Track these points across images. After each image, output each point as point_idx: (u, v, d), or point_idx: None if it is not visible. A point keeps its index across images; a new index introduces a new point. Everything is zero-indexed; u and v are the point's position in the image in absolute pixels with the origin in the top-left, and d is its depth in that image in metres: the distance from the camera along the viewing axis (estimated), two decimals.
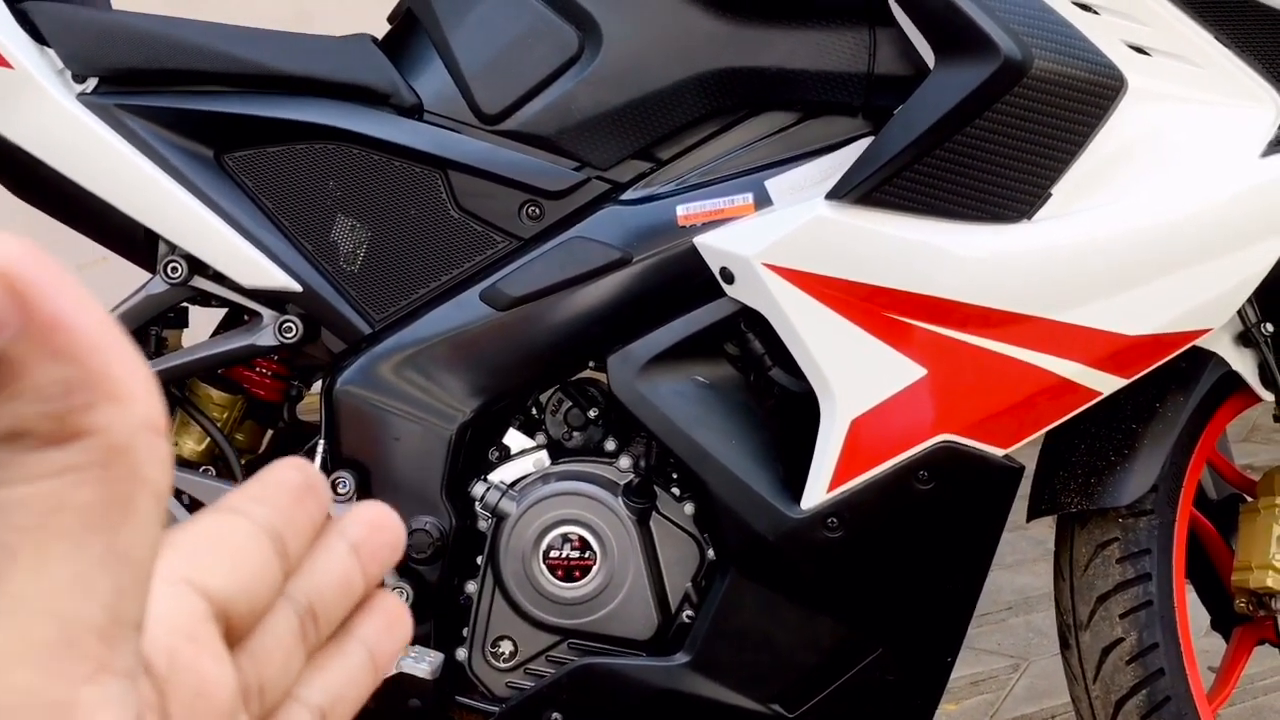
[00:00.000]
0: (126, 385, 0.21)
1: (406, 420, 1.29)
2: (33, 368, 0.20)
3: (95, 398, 0.20)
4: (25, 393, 0.20)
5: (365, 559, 0.27)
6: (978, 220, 1.18)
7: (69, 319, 0.20)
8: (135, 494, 0.21)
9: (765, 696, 1.29)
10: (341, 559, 0.27)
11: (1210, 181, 1.20)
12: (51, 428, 0.20)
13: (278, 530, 0.25)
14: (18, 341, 0.20)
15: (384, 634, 0.28)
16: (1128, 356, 1.22)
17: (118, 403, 0.20)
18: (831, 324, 1.20)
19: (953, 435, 1.23)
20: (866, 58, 1.26)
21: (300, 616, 0.26)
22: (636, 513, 1.29)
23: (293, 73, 1.29)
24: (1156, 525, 1.35)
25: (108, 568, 0.20)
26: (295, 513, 0.26)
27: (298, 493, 0.26)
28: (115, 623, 0.20)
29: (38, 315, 0.20)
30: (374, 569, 0.27)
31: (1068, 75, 1.15)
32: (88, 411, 0.20)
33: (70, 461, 0.20)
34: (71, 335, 0.20)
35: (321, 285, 1.29)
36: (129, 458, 0.21)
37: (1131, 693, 1.35)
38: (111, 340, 0.20)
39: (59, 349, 0.20)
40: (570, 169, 1.29)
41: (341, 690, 0.27)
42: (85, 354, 0.20)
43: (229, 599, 0.24)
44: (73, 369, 0.20)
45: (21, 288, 0.19)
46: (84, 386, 0.20)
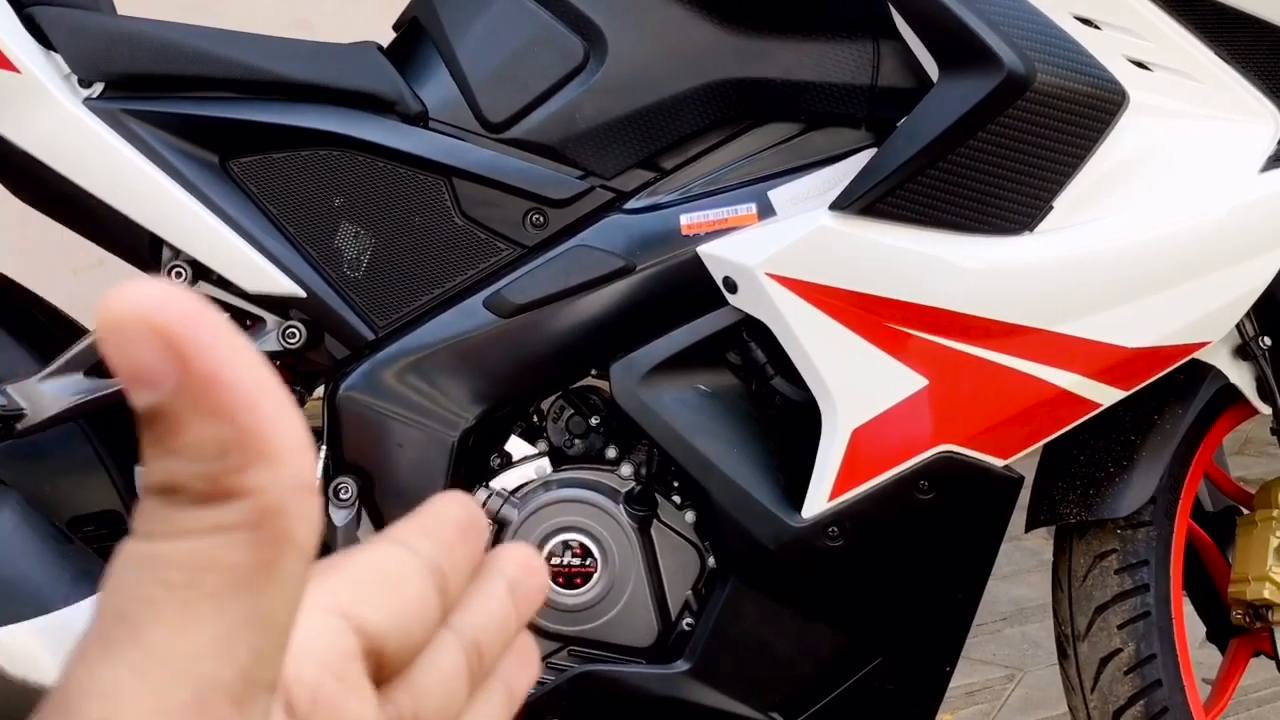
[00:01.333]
0: (281, 445, 0.20)
1: (409, 426, 1.29)
2: (188, 424, 0.19)
3: (250, 458, 0.20)
4: (180, 450, 0.20)
5: (518, 600, 0.27)
6: (980, 232, 1.19)
7: (225, 375, 0.20)
8: (282, 555, 0.20)
9: (765, 705, 1.30)
10: (501, 599, 0.27)
11: (1210, 196, 1.21)
12: (205, 487, 0.20)
13: (440, 566, 0.25)
14: (174, 397, 0.19)
15: (520, 670, 0.28)
16: (1127, 369, 1.22)
17: (271, 463, 0.20)
18: (833, 334, 1.21)
19: (953, 445, 1.23)
20: (870, 70, 1.27)
21: (466, 652, 0.26)
22: (637, 520, 1.30)
23: (298, 79, 1.30)
24: (1155, 537, 1.35)
25: (249, 630, 0.20)
26: (457, 548, 0.26)
27: (460, 528, 0.26)
28: (249, 686, 0.20)
29: (195, 371, 0.19)
30: (525, 610, 0.27)
31: (1070, 89, 1.16)
32: (242, 472, 0.20)
33: (222, 521, 0.20)
34: (228, 393, 0.20)
35: (325, 291, 1.29)
36: (280, 519, 0.20)
37: (1129, 703, 1.35)
38: (267, 397, 0.20)
39: (215, 407, 0.20)
40: (574, 178, 1.30)
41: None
42: (241, 412, 0.20)
43: (384, 635, 0.24)
44: (228, 428, 0.20)
45: (179, 341, 0.19)
46: (239, 447, 0.20)
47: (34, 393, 1.30)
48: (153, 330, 0.19)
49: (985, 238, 1.19)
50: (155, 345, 0.19)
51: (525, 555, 0.28)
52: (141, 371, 0.19)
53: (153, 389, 0.19)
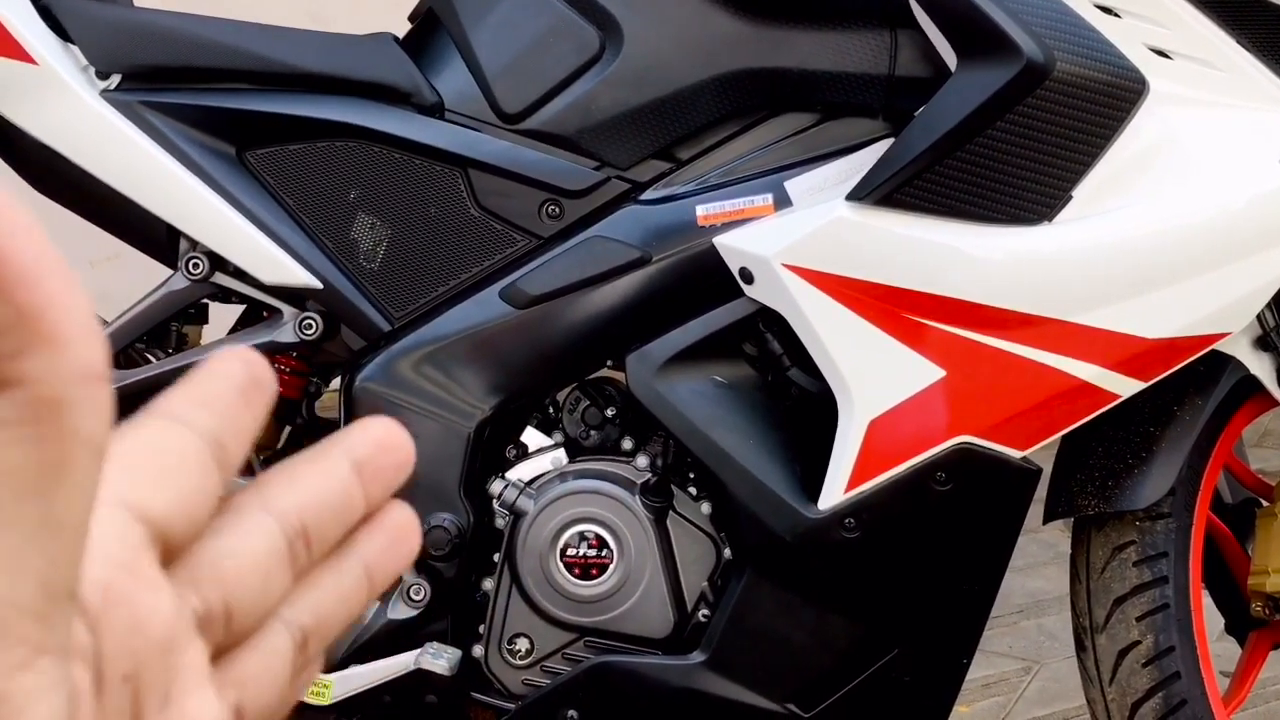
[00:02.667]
0: (64, 327, 0.18)
1: (425, 417, 1.29)
2: None
3: (28, 342, 0.17)
4: None
5: (368, 478, 0.25)
6: (998, 222, 1.18)
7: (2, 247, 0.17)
8: (71, 454, 0.18)
9: (781, 696, 1.30)
10: (341, 478, 0.25)
11: (1230, 185, 1.20)
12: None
13: (218, 436, 0.23)
14: None
15: (385, 551, 0.26)
16: (1146, 360, 1.22)
17: (53, 348, 0.18)
18: (850, 325, 1.20)
19: (971, 437, 1.23)
20: (887, 59, 1.26)
21: (289, 537, 0.24)
22: (653, 511, 1.30)
23: (315, 71, 1.30)
24: (1174, 529, 1.35)
25: (41, 540, 0.18)
26: (238, 412, 0.23)
27: (242, 388, 0.23)
28: (49, 598, 0.18)
29: None
30: (377, 489, 0.25)
31: (1090, 78, 1.15)
32: (18, 358, 0.17)
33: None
34: (3, 267, 0.17)
35: (342, 282, 1.30)
36: (64, 412, 0.18)
37: (1147, 695, 1.35)
38: (51, 274, 0.18)
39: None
40: (590, 168, 1.29)
41: (330, 609, 0.25)
42: (19, 289, 0.17)
43: (168, 519, 0.22)
44: (3, 307, 0.17)
45: None
46: (13, 328, 0.17)
47: None
48: None
49: (1003, 228, 1.18)
50: None
51: (383, 432, 0.25)
52: None
53: None
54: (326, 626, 0.25)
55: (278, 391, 1.03)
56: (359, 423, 0.26)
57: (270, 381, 0.24)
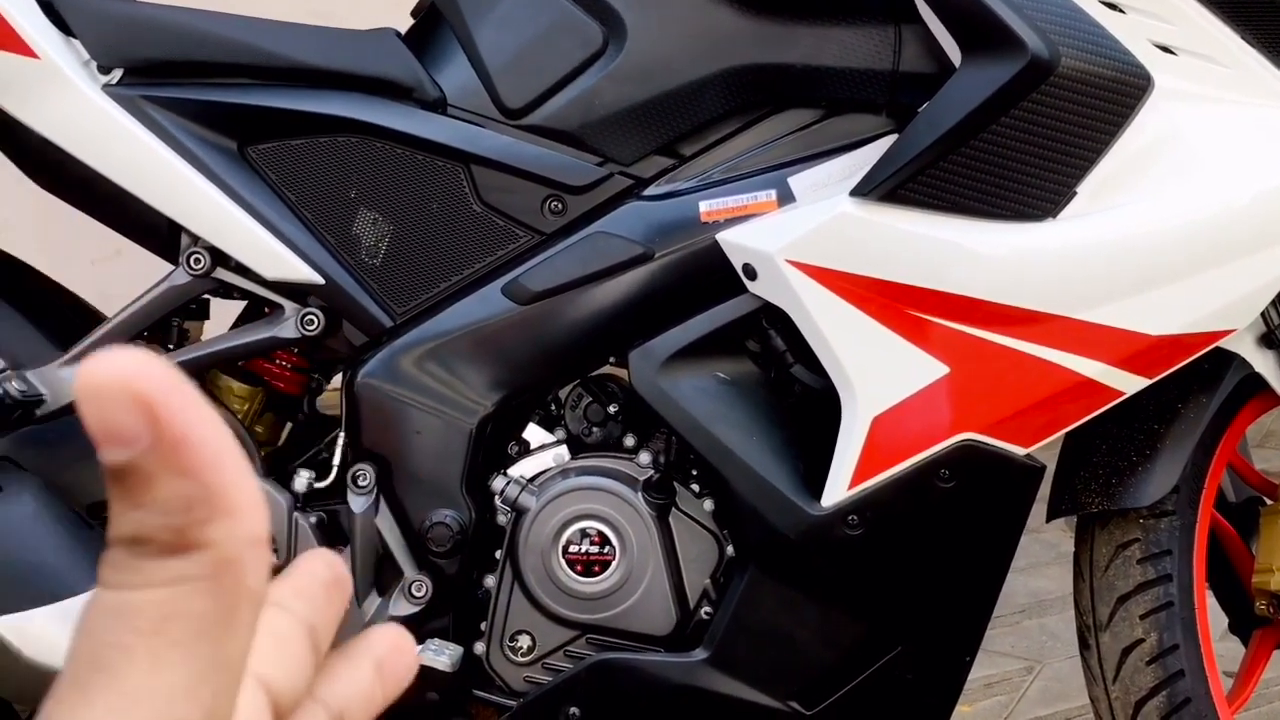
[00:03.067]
0: (239, 501, 0.22)
1: (427, 414, 1.29)
2: (158, 481, 0.21)
3: (212, 513, 0.22)
4: (149, 503, 0.22)
5: (385, 677, 0.29)
6: (1002, 218, 1.18)
7: (193, 436, 0.21)
8: (240, 604, 0.22)
9: (783, 694, 1.29)
10: (368, 674, 0.28)
11: (1236, 182, 1.20)
12: (171, 539, 0.22)
13: (313, 625, 0.27)
14: (146, 456, 0.21)
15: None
16: (1151, 357, 1.21)
17: (231, 518, 0.22)
18: (854, 321, 1.20)
19: (974, 434, 1.22)
20: (891, 55, 1.26)
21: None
22: (656, 508, 1.29)
23: (316, 66, 1.29)
24: (1178, 526, 1.34)
25: (213, 673, 0.22)
26: (325, 608, 0.27)
27: (327, 587, 0.28)
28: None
29: (166, 432, 0.21)
30: (391, 688, 0.29)
31: (1095, 74, 1.15)
32: (205, 525, 0.22)
33: (185, 572, 0.22)
34: (195, 452, 0.21)
35: (343, 278, 1.29)
36: (237, 570, 0.22)
37: (1151, 694, 1.35)
38: (229, 458, 0.22)
39: (183, 465, 0.21)
40: (593, 164, 1.29)
41: None
42: (206, 471, 0.22)
43: (280, 690, 0.25)
44: (194, 485, 0.22)
45: (153, 405, 0.21)
46: (203, 502, 0.22)
47: (54, 379, 1.30)
48: (129, 394, 0.21)
49: (1008, 224, 1.18)
50: (131, 408, 0.21)
51: (395, 636, 0.29)
52: (116, 431, 0.21)
53: (125, 448, 0.21)
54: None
55: (278, 387, 1.01)
56: (374, 630, 0.29)
57: (349, 581, 0.29)
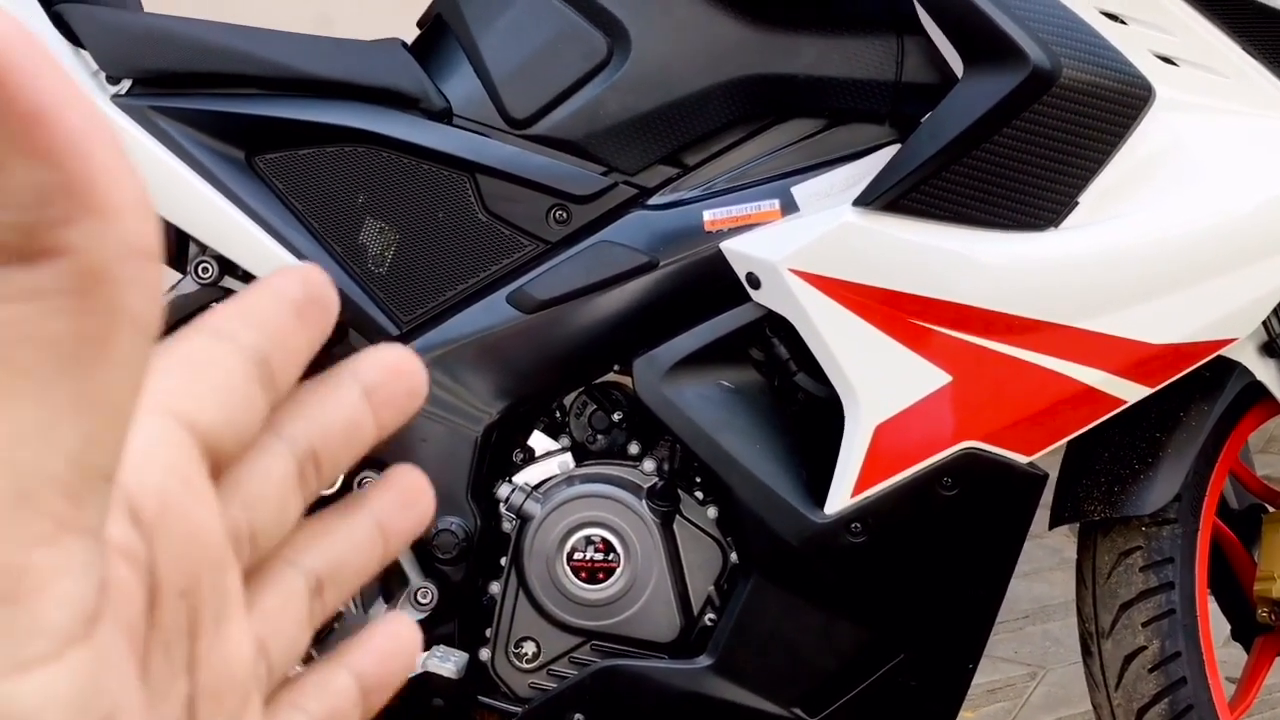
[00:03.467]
0: (112, 197, 0.17)
1: (432, 421, 1.29)
2: (3, 167, 0.16)
3: (73, 211, 0.17)
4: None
5: (379, 404, 0.24)
6: (1004, 228, 1.19)
7: (51, 111, 0.16)
8: (114, 328, 0.18)
9: (786, 700, 1.30)
10: (351, 403, 0.24)
11: (1237, 192, 1.21)
12: (19, 241, 0.17)
13: (265, 355, 0.22)
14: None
15: (399, 510, 0.25)
16: (1153, 365, 1.22)
17: (99, 218, 0.17)
18: (857, 330, 1.21)
19: (977, 442, 1.23)
20: (894, 66, 1.26)
21: (299, 460, 0.23)
22: (660, 516, 1.30)
23: (323, 76, 1.30)
24: (1180, 534, 1.35)
25: (77, 412, 0.17)
26: (289, 332, 0.22)
27: (296, 307, 0.23)
28: (82, 475, 0.18)
29: (13, 104, 0.16)
30: (388, 416, 0.24)
31: (1096, 85, 1.15)
32: (64, 226, 0.17)
33: (39, 285, 0.17)
34: (53, 132, 0.17)
35: (350, 287, 1.30)
36: (109, 285, 0.17)
37: (1154, 701, 1.35)
38: (101, 143, 0.17)
39: (36, 147, 0.16)
40: (598, 174, 1.30)
41: (343, 559, 0.24)
42: (67, 155, 0.17)
43: (215, 434, 0.21)
44: (50, 173, 0.17)
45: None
46: (61, 195, 0.17)
47: None
48: None
49: (1010, 234, 1.19)
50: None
51: (396, 357, 0.24)
52: None
53: None
54: (341, 577, 0.24)
55: None
56: (371, 348, 0.25)
57: (332, 300, 0.23)
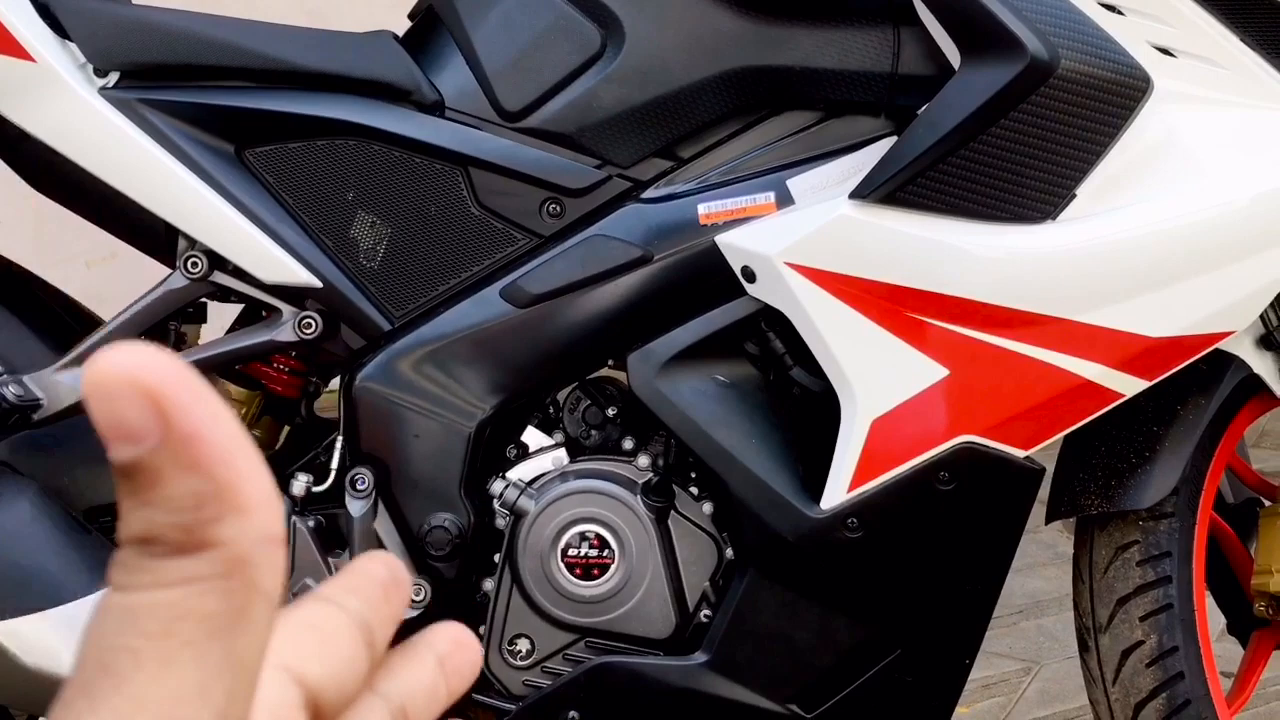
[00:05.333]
0: (252, 498, 0.22)
1: (425, 417, 1.28)
2: (168, 478, 0.21)
3: (223, 511, 0.21)
4: (159, 501, 0.21)
5: (449, 673, 0.28)
6: (1001, 220, 1.18)
7: (205, 432, 0.21)
8: (252, 603, 0.22)
9: (783, 696, 1.29)
10: (430, 669, 0.28)
11: (1234, 184, 1.20)
12: (180, 538, 0.21)
13: (367, 622, 0.26)
14: (156, 452, 0.21)
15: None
16: (1150, 358, 1.21)
17: (243, 515, 0.22)
18: (853, 323, 1.20)
19: (974, 436, 1.22)
20: (890, 57, 1.25)
21: (393, 715, 0.27)
22: (655, 511, 1.29)
23: (314, 68, 1.29)
24: (1177, 528, 1.34)
25: (223, 675, 0.22)
26: (382, 607, 0.27)
27: (384, 587, 0.27)
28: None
29: (176, 428, 0.21)
30: (455, 684, 0.29)
31: (1094, 76, 1.15)
32: (215, 524, 0.21)
33: (197, 571, 0.21)
34: (206, 449, 0.21)
35: (341, 281, 1.29)
36: (249, 569, 0.22)
37: (1151, 696, 1.35)
38: (241, 453, 0.22)
39: (194, 461, 0.21)
40: (591, 167, 1.29)
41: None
42: (217, 467, 0.21)
43: (320, 688, 0.25)
44: (204, 482, 0.21)
45: (163, 401, 0.21)
46: (214, 499, 0.21)
47: (50, 383, 1.29)
48: (138, 389, 0.21)
49: (1007, 226, 1.18)
50: (139, 403, 0.21)
51: (458, 632, 0.29)
52: (124, 427, 0.21)
53: (134, 444, 0.21)
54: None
55: (276, 390, 1.01)
56: (436, 626, 0.29)
57: (408, 583, 0.28)
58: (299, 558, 1.29)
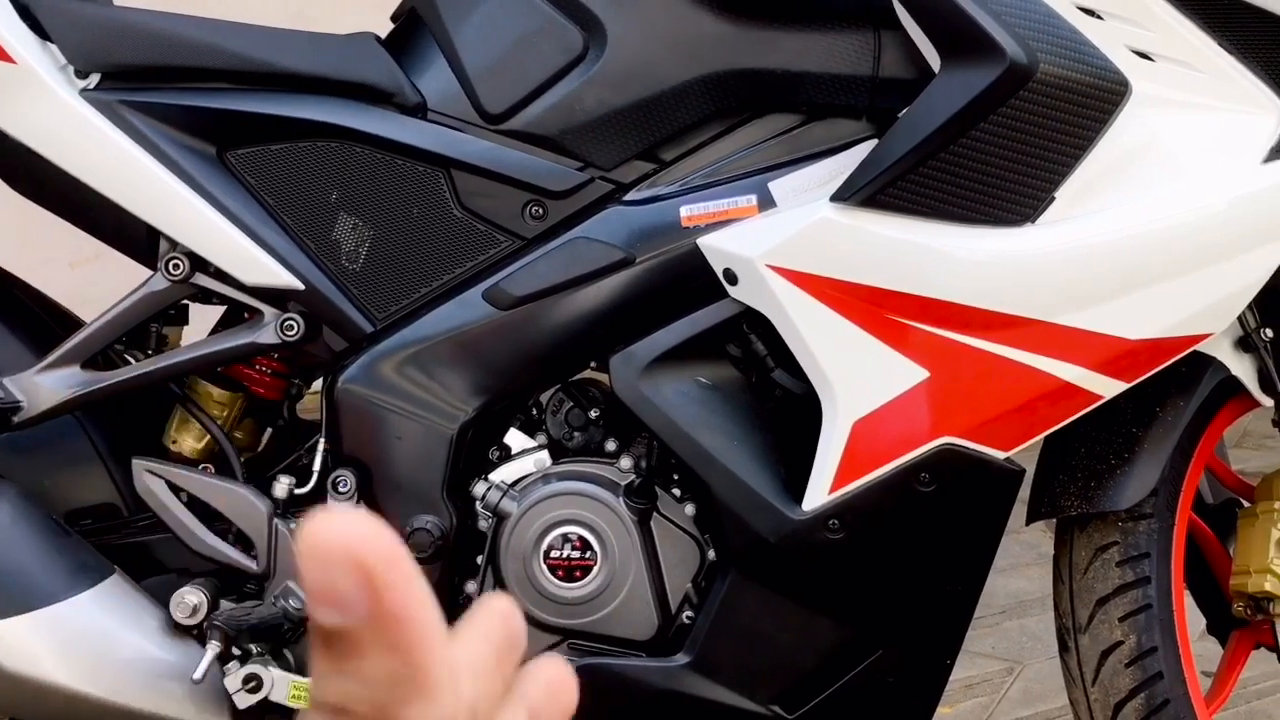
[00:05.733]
0: (439, 682, 0.22)
1: (408, 419, 1.28)
2: (369, 653, 0.22)
3: (413, 694, 0.22)
4: (357, 674, 0.22)
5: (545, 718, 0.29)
6: (981, 223, 1.18)
7: (409, 614, 0.22)
8: None
9: (765, 697, 1.30)
10: None
11: (1212, 187, 1.21)
12: (372, 715, 0.22)
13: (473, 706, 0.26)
14: (363, 626, 0.21)
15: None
16: (1129, 360, 1.22)
17: (429, 699, 0.22)
18: (834, 326, 1.20)
19: (954, 438, 1.23)
20: (871, 60, 1.26)
21: None
22: (637, 513, 1.29)
23: (296, 70, 1.29)
24: (1156, 529, 1.35)
25: None
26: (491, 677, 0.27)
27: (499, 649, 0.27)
28: None
29: (385, 605, 0.21)
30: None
31: (1073, 80, 1.15)
32: (406, 704, 0.22)
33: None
34: (409, 630, 0.22)
35: (323, 283, 1.29)
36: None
37: (1130, 696, 1.35)
38: (437, 636, 0.22)
39: (397, 643, 0.22)
40: (574, 169, 1.29)
41: None
42: (415, 650, 0.22)
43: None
44: (402, 663, 0.22)
45: (375, 575, 0.21)
46: (408, 682, 0.22)
47: (31, 385, 1.29)
48: (354, 560, 0.21)
49: (987, 229, 1.18)
50: (353, 574, 0.21)
51: (555, 674, 0.29)
52: (335, 595, 0.21)
53: (343, 613, 0.21)
54: None
55: (258, 393, 1.01)
56: (538, 661, 0.29)
57: (522, 638, 0.28)
58: (282, 561, 1.28)
